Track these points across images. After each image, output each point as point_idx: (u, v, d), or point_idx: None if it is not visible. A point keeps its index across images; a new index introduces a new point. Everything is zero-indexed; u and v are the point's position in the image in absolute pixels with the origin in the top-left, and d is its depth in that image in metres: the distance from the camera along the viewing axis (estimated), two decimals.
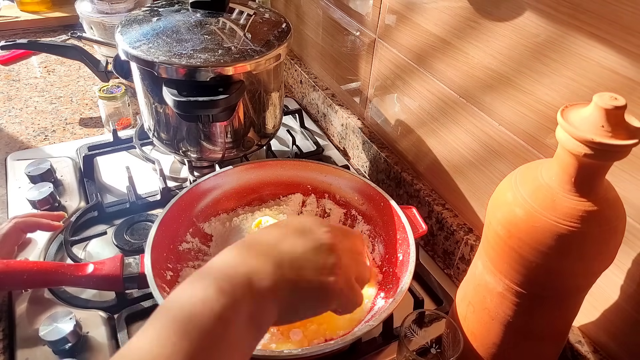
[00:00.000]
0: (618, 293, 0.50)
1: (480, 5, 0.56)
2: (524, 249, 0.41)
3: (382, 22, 0.76)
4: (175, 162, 0.87)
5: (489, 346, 0.50)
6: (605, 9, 0.43)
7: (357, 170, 0.92)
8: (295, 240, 0.41)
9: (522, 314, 0.45)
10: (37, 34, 1.30)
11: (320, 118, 1.03)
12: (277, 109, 0.81)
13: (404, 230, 0.62)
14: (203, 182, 0.68)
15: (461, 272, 0.68)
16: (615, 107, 0.35)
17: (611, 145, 0.35)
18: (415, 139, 0.75)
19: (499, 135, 0.59)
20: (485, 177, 0.63)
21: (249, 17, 0.74)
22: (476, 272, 0.49)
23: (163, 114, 0.74)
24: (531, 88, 0.53)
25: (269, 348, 0.53)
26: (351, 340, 0.50)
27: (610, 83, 0.45)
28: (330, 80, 0.99)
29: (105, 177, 0.83)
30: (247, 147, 0.79)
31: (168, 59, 0.65)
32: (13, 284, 0.57)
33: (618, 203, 0.40)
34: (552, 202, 0.39)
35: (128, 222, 0.73)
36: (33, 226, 0.67)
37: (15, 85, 1.08)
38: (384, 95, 0.81)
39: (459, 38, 0.61)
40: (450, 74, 0.64)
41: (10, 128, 0.95)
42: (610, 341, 0.52)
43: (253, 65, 0.68)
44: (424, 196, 0.74)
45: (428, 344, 0.57)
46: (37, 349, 0.56)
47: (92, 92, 1.07)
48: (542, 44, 0.50)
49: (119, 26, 0.72)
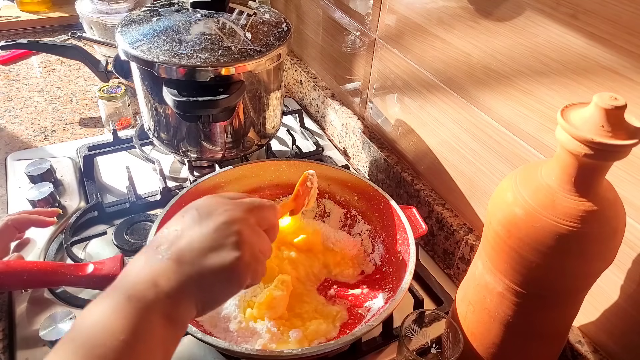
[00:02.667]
0: (618, 293, 0.50)
1: (480, 5, 0.56)
2: (524, 249, 0.41)
3: (382, 22, 0.76)
4: (175, 162, 0.87)
5: (489, 346, 0.50)
6: (605, 9, 0.43)
7: (357, 170, 0.92)
8: (194, 229, 0.41)
9: (522, 314, 0.45)
10: (37, 34, 1.30)
11: (320, 118, 1.03)
12: (277, 109, 0.81)
13: (404, 230, 0.62)
14: (203, 182, 0.68)
15: (461, 272, 0.68)
16: (615, 107, 0.35)
17: (611, 145, 0.35)
18: (415, 139, 0.75)
19: (499, 135, 0.59)
20: (485, 177, 0.63)
21: (249, 17, 0.74)
22: (476, 272, 0.49)
23: (163, 114, 0.74)
24: (531, 88, 0.53)
25: (268, 348, 0.53)
26: (351, 340, 0.50)
27: (610, 83, 0.45)
28: (330, 80, 0.99)
29: (105, 177, 0.83)
30: (247, 147, 0.79)
31: (168, 59, 0.65)
32: (13, 284, 0.57)
33: (618, 203, 0.40)
34: (552, 202, 0.39)
35: (128, 222, 0.73)
36: (26, 223, 0.66)
37: (15, 85, 1.08)
38: (384, 95, 0.81)
39: (458, 38, 0.61)
40: (450, 73, 0.64)
41: (10, 128, 0.95)
42: (610, 341, 0.52)
43: (253, 65, 0.68)
44: (424, 196, 0.74)
45: (428, 344, 0.57)
46: (37, 349, 0.56)
47: (92, 92, 1.07)
48: (542, 44, 0.50)
49: (119, 26, 0.72)
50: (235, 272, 0.40)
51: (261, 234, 0.45)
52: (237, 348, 0.49)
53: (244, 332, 0.55)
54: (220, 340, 0.49)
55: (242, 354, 0.49)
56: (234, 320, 0.56)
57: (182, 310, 0.37)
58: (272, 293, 0.57)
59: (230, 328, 0.56)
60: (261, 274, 0.44)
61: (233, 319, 0.56)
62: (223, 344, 0.49)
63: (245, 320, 0.56)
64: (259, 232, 0.44)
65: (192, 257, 0.39)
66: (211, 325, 0.56)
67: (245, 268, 0.40)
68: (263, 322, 0.56)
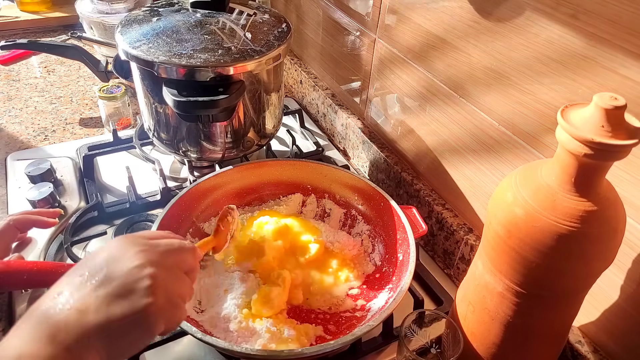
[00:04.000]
0: (618, 293, 0.50)
1: (480, 5, 0.56)
2: (524, 249, 0.41)
3: (382, 22, 0.76)
4: (175, 162, 0.87)
5: (489, 346, 0.50)
6: (605, 9, 0.43)
7: (357, 170, 0.92)
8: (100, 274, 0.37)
9: (522, 314, 0.45)
10: (37, 34, 1.30)
11: (320, 118, 1.03)
12: (277, 109, 0.81)
13: (404, 230, 0.62)
14: (203, 182, 0.68)
15: (461, 272, 0.68)
16: (615, 107, 0.35)
17: (611, 145, 0.35)
18: (415, 139, 0.75)
19: (499, 135, 0.59)
20: (485, 177, 0.63)
21: (249, 17, 0.74)
22: (476, 272, 0.49)
23: (163, 114, 0.74)
24: (531, 88, 0.53)
25: (268, 348, 0.53)
26: (351, 340, 0.50)
27: (610, 83, 0.45)
28: (330, 80, 0.99)
29: (105, 177, 0.83)
30: (247, 147, 0.79)
31: (168, 59, 0.65)
32: (13, 284, 0.57)
33: (618, 203, 0.40)
34: (552, 202, 0.39)
35: (128, 222, 0.73)
36: (28, 223, 0.66)
37: (15, 85, 1.08)
38: (384, 95, 0.81)
39: (459, 38, 0.61)
40: (450, 73, 0.64)
41: (10, 128, 0.95)
42: (610, 341, 0.52)
43: (253, 65, 0.68)
44: (424, 196, 0.74)
45: (428, 344, 0.57)
46: None
47: (92, 92, 1.07)
48: (542, 44, 0.50)
49: (119, 26, 0.72)
50: (145, 319, 0.36)
51: (180, 276, 0.42)
52: (237, 348, 0.49)
53: (243, 332, 0.55)
54: (220, 340, 0.49)
55: (242, 354, 0.49)
56: (234, 320, 0.56)
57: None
58: (266, 288, 0.57)
59: (230, 328, 0.56)
60: (179, 319, 0.41)
61: (233, 319, 0.56)
62: (223, 344, 0.49)
63: (244, 320, 0.56)
64: (177, 274, 0.41)
65: (97, 305, 0.35)
66: (211, 325, 0.56)
67: (158, 315, 0.37)
68: (262, 321, 0.56)
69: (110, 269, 0.37)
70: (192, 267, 0.44)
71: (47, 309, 0.35)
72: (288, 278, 0.60)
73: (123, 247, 0.39)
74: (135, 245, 0.40)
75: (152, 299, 0.37)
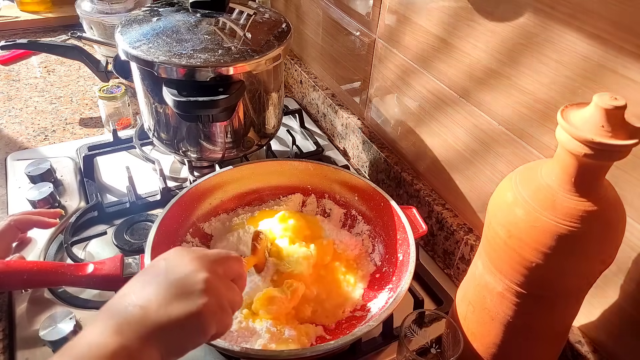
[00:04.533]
0: (618, 293, 0.50)
1: (480, 5, 0.56)
2: (524, 249, 0.41)
3: (382, 22, 0.76)
4: (175, 162, 0.87)
5: (489, 346, 0.50)
6: (605, 9, 0.43)
7: (357, 170, 0.92)
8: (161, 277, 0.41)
9: (522, 314, 0.45)
10: (37, 34, 1.30)
11: (320, 118, 1.03)
12: (277, 109, 0.81)
13: (404, 231, 0.62)
14: (203, 182, 0.68)
15: (461, 272, 0.68)
16: (615, 107, 0.35)
17: (611, 145, 0.35)
18: (415, 139, 0.75)
19: (499, 135, 0.59)
20: (485, 177, 0.63)
21: (249, 17, 0.74)
22: (476, 272, 0.49)
23: (163, 114, 0.74)
24: (531, 87, 0.53)
25: (268, 348, 0.53)
26: (351, 340, 0.50)
27: (610, 83, 0.45)
28: (330, 80, 0.99)
29: (105, 177, 0.83)
30: (247, 147, 0.79)
31: (168, 59, 0.65)
32: (13, 284, 0.57)
33: (618, 203, 0.40)
34: (552, 202, 0.39)
35: (128, 222, 0.73)
36: (29, 224, 0.67)
37: (15, 85, 1.08)
38: (384, 95, 0.81)
39: (458, 38, 0.61)
40: (450, 73, 0.64)
41: (10, 128, 0.95)
42: (610, 341, 0.52)
43: (253, 65, 0.68)
44: (424, 196, 0.74)
45: (428, 344, 0.57)
46: (37, 349, 0.56)
47: (92, 92, 1.07)
48: (542, 44, 0.50)
49: (119, 26, 0.72)
50: (200, 319, 0.39)
51: (229, 284, 0.44)
52: (237, 348, 0.49)
53: (243, 332, 0.55)
54: (220, 340, 0.49)
55: (242, 354, 0.49)
56: (234, 320, 0.56)
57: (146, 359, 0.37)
58: (271, 292, 0.57)
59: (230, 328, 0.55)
60: (228, 325, 0.43)
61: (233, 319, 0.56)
62: (223, 344, 0.49)
63: (244, 320, 0.56)
64: (227, 282, 0.44)
65: (157, 305, 0.39)
66: None
67: (211, 316, 0.40)
68: (262, 322, 0.56)
69: (169, 273, 0.41)
70: (239, 274, 0.47)
71: (116, 307, 0.39)
72: (299, 291, 0.59)
73: (180, 255, 0.44)
74: (190, 253, 0.44)
75: (207, 300, 0.40)
